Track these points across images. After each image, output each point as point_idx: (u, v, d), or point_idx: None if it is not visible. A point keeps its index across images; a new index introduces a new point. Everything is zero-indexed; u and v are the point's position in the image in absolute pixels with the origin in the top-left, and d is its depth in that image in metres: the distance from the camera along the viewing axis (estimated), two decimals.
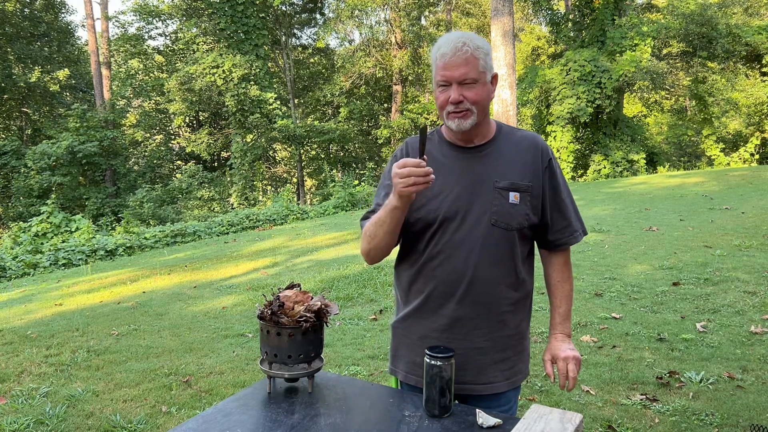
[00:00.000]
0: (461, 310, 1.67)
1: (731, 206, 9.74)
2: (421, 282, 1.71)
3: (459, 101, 1.60)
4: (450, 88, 1.61)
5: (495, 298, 1.67)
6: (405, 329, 1.77)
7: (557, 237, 1.76)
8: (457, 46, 1.58)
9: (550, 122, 19.28)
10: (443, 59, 1.60)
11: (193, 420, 1.50)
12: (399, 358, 1.80)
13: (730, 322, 4.45)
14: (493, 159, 1.69)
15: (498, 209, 1.65)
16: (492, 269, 1.66)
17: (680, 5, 19.19)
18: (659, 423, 3.03)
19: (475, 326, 1.68)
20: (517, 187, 1.66)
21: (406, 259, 1.77)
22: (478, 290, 1.66)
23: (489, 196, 1.66)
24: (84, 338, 4.91)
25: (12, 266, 10.76)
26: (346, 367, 3.95)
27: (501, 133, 1.75)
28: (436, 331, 1.69)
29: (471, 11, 28.70)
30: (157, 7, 27.29)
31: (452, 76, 1.59)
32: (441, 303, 1.68)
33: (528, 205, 1.68)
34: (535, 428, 1.34)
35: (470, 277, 1.65)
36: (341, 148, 27.75)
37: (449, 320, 1.68)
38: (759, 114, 20.80)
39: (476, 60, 1.59)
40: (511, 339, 1.73)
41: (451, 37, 1.61)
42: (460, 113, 1.61)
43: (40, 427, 3.25)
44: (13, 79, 25.91)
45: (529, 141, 1.74)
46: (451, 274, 1.66)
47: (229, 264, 8.24)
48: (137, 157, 28.12)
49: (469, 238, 1.65)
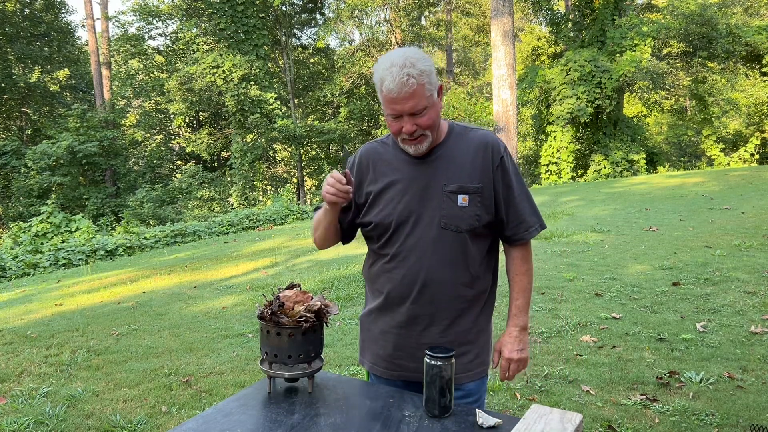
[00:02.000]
0: (417, 309, 1.73)
1: (731, 206, 9.74)
2: (380, 282, 1.80)
3: (413, 131, 1.64)
4: (402, 118, 1.63)
5: (449, 297, 1.72)
6: (369, 324, 1.86)
7: (513, 233, 1.79)
8: (402, 81, 1.56)
9: (550, 122, 19.29)
10: (390, 94, 1.59)
11: (193, 420, 1.50)
12: (365, 350, 1.89)
13: (730, 322, 4.45)
14: (442, 163, 1.73)
15: (447, 212, 1.69)
16: (444, 270, 1.71)
17: (680, 5, 19.20)
18: (659, 423, 3.03)
19: (431, 322, 1.74)
20: (465, 189, 1.70)
21: (368, 258, 1.88)
22: (431, 291, 1.71)
23: (438, 200, 1.70)
24: (84, 338, 4.91)
25: (12, 266, 10.77)
26: (346, 367, 3.95)
27: (452, 135, 1.77)
28: (395, 327, 1.77)
29: (471, 11, 28.69)
30: (157, 7, 27.30)
31: (402, 109, 1.61)
32: (398, 302, 1.75)
33: (478, 206, 1.71)
34: (535, 428, 1.34)
35: (423, 279, 1.71)
36: (341, 149, 27.71)
37: (406, 318, 1.74)
38: (759, 114, 20.82)
39: (422, 87, 1.59)
40: (469, 333, 1.77)
41: (392, 70, 1.57)
42: (416, 140, 1.66)
43: (40, 427, 3.25)
44: (13, 79, 25.92)
45: (480, 140, 1.75)
46: (405, 276, 1.72)
47: (229, 264, 8.24)
48: (137, 157, 28.11)
49: (421, 242, 1.70)
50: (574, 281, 5.84)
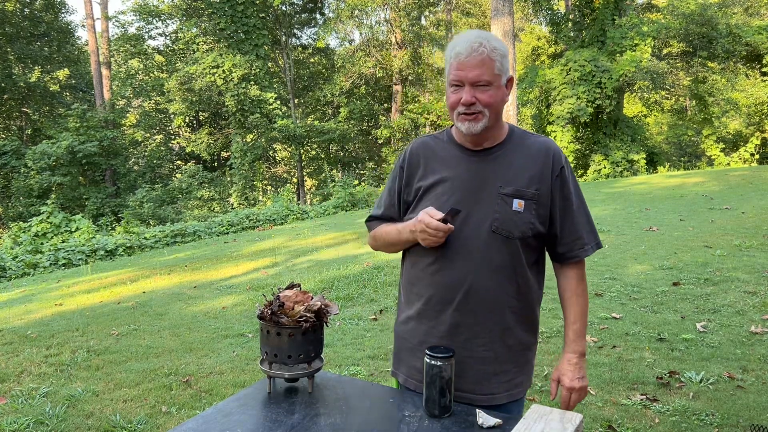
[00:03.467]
0: (460, 317, 1.63)
1: (731, 206, 9.74)
2: (420, 286, 1.69)
3: (471, 103, 1.56)
4: (462, 88, 1.57)
5: (495, 306, 1.62)
6: (406, 333, 1.75)
7: (567, 249, 1.69)
8: (473, 47, 1.54)
9: (550, 122, 19.28)
10: (458, 59, 1.56)
11: (193, 420, 1.50)
12: (400, 361, 1.78)
13: (730, 322, 4.45)
14: (500, 164, 1.64)
15: (500, 216, 1.60)
16: (492, 277, 1.61)
17: (680, 5, 19.20)
18: (659, 423, 3.03)
19: (474, 334, 1.63)
20: (522, 194, 1.61)
21: (408, 259, 1.77)
22: (477, 298, 1.61)
23: (491, 202, 1.61)
24: (84, 338, 4.91)
25: (12, 266, 10.76)
26: (346, 367, 3.94)
27: (512, 137, 1.69)
28: (435, 337, 1.66)
29: (471, 11, 28.68)
30: (157, 7, 27.29)
31: (466, 76, 1.55)
32: (440, 309, 1.65)
33: (533, 214, 1.61)
34: (535, 428, 1.34)
35: (469, 285, 1.61)
36: (341, 148, 27.74)
37: (448, 327, 1.64)
38: (759, 114, 20.81)
39: (492, 62, 1.55)
40: (513, 350, 1.67)
41: (467, 37, 1.56)
42: (471, 116, 1.57)
43: (40, 427, 3.25)
44: (13, 79, 25.91)
45: (541, 146, 1.67)
46: (449, 280, 1.62)
47: (229, 264, 8.24)
48: (137, 157, 28.10)
49: (468, 244, 1.61)
50: None
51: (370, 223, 1.86)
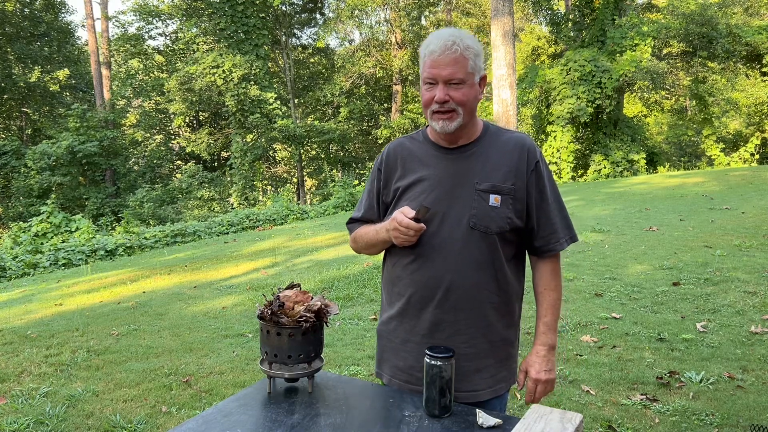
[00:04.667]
0: (441, 314, 1.64)
1: (731, 206, 9.74)
2: (401, 285, 1.70)
3: (444, 100, 1.58)
4: (436, 86, 1.59)
5: (476, 303, 1.64)
6: (389, 333, 1.76)
7: (543, 243, 1.71)
8: (446, 45, 1.56)
9: (550, 122, 19.28)
10: (431, 57, 1.58)
11: (193, 420, 1.50)
12: (384, 361, 1.79)
13: (730, 322, 4.45)
14: (476, 160, 1.66)
15: (477, 212, 1.62)
16: (472, 273, 1.62)
17: (680, 5, 19.19)
18: (659, 423, 3.03)
19: (456, 331, 1.64)
20: (498, 189, 1.63)
21: (388, 259, 1.78)
22: (457, 295, 1.63)
23: (468, 198, 1.63)
24: (84, 338, 4.91)
25: (12, 266, 10.76)
26: (346, 367, 3.94)
27: (487, 134, 1.71)
28: (418, 335, 1.67)
29: (471, 11, 28.68)
30: (157, 7, 27.30)
31: (439, 74, 1.57)
32: (421, 307, 1.66)
33: (510, 209, 1.63)
34: (535, 428, 1.34)
35: (449, 282, 1.62)
36: (341, 148, 27.74)
37: (430, 324, 1.65)
38: (759, 114, 20.81)
39: (465, 60, 1.57)
40: (495, 346, 1.68)
41: (441, 35, 1.58)
42: (446, 114, 1.60)
43: (40, 427, 3.25)
44: (13, 79, 25.91)
45: (516, 142, 1.69)
46: (429, 278, 1.64)
47: (229, 264, 8.24)
48: (137, 157, 28.10)
49: (447, 242, 1.62)
50: (574, 281, 5.84)
51: (351, 225, 1.89)
